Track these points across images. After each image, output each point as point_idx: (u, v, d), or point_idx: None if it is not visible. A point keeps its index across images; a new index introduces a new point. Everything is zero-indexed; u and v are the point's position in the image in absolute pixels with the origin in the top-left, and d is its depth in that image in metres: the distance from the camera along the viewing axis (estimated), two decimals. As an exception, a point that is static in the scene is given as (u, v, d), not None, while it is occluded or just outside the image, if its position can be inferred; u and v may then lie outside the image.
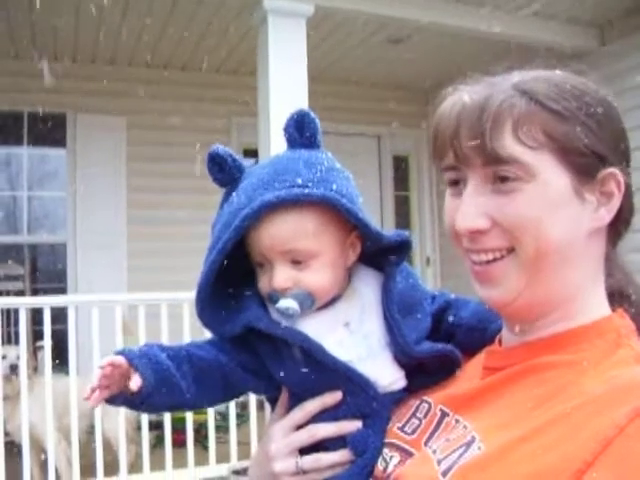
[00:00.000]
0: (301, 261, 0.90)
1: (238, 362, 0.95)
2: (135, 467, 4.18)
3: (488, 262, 0.81)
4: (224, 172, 0.94)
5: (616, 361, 0.75)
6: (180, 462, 4.07)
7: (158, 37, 5.43)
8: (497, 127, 0.77)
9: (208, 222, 0.97)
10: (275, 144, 3.98)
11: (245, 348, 0.95)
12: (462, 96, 0.81)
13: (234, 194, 0.91)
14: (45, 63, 4.52)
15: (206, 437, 4.23)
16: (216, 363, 0.94)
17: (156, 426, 4.31)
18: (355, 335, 0.93)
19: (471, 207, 0.80)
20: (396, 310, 0.92)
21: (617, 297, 0.86)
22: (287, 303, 0.89)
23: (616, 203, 0.79)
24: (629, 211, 0.83)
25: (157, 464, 4.01)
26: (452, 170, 0.84)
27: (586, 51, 5.21)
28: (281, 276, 0.90)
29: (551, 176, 0.77)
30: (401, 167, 7.34)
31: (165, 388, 0.89)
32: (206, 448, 4.24)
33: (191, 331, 4.12)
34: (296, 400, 0.96)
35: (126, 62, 6.00)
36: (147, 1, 4.74)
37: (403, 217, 7.19)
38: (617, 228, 0.83)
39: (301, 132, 0.92)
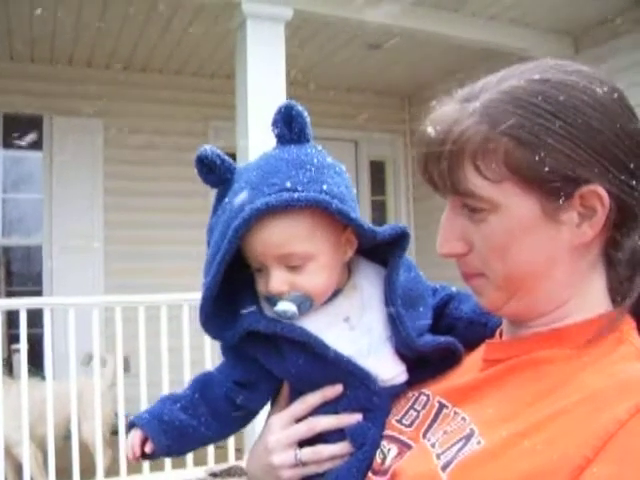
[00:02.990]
0: (296, 265, 0.89)
1: (238, 384, 0.96)
2: (112, 471, 4.14)
3: (471, 276, 0.84)
4: (214, 174, 0.93)
5: (617, 357, 0.74)
6: (157, 465, 4.03)
7: (136, 40, 5.41)
8: (457, 162, 0.77)
9: (185, 225, 0.97)
10: (253, 148, 3.99)
11: (243, 357, 0.96)
12: (427, 129, 0.80)
13: (227, 199, 0.90)
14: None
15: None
16: (224, 394, 0.96)
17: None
18: (356, 330, 0.93)
19: (446, 233, 0.83)
20: (400, 303, 0.91)
21: (618, 294, 0.84)
22: (285, 306, 0.89)
23: (600, 218, 0.76)
24: (627, 220, 0.78)
25: (134, 468, 3.98)
26: None
27: (561, 58, 5.30)
28: (277, 280, 0.89)
29: (515, 206, 0.76)
30: (378, 172, 7.37)
31: (183, 439, 0.95)
32: (183, 451, 4.22)
33: (169, 333, 4.11)
34: (297, 394, 0.96)
35: (103, 65, 5.96)
36: (125, 4, 4.71)
37: (380, 222, 7.21)
38: (614, 238, 0.79)
39: (290, 127, 0.90)
